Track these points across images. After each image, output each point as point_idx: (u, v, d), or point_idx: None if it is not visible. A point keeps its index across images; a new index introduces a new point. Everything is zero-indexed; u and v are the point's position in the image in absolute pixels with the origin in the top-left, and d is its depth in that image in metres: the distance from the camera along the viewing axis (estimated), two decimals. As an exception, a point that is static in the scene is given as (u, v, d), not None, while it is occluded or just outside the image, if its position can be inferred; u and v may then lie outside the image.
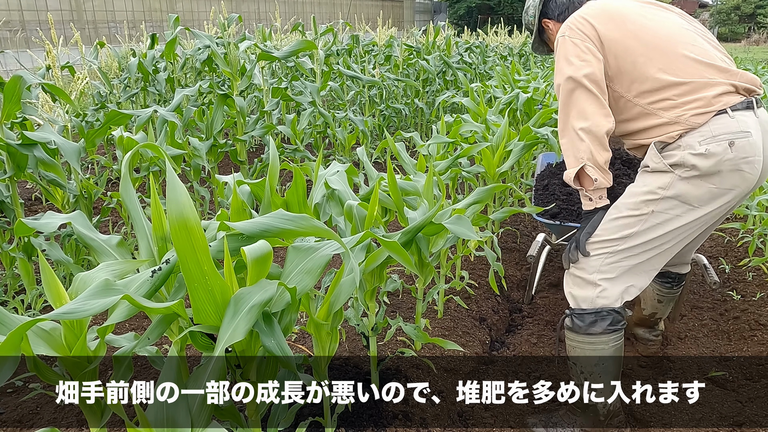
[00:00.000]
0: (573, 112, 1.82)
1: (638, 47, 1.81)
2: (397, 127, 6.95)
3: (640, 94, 1.82)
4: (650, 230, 1.82)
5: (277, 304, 1.14)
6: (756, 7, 35.64)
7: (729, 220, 4.03)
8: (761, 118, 1.79)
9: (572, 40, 1.85)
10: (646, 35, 1.83)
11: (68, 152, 2.46)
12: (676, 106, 1.77)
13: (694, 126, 1.75)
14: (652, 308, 2.38)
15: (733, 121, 1.74)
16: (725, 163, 1.73)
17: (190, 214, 0.96)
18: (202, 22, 11.22)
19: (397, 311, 2.56)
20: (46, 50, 2.77)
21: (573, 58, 1.82)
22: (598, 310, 1.87)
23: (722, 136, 1.72)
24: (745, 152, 1.73)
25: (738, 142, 1.73)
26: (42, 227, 1.40)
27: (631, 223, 1.83)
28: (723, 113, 1.74)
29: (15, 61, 5.05)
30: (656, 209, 1.80)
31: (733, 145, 1.72)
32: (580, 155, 1.82)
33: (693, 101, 1.75)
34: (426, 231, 1.69)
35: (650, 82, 1.79)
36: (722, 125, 1.73)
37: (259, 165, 4.01)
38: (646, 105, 1.81)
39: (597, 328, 1.87)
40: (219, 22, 4.37)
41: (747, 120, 1.75)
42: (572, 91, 1.81)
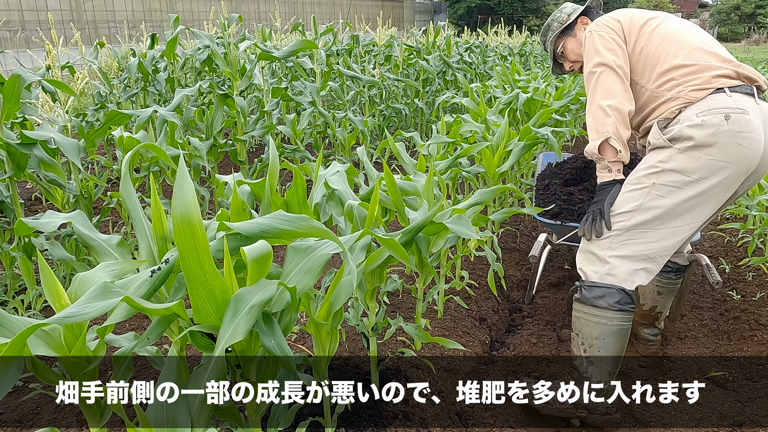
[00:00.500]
0: (600, 92, 1.98)
1: (657, 38, 1.99)
2: (397, 127, 6.95)
3: (651, 79, 1.97)
4: (654, 203, 1.88)
5: (277, 304, 1.13)
6: (756, 7, 35.64)
7: (729, 220, 4.03)
8: (762, 107, 1.87)
9: (599, 33, 2.05)
10: (665, 29, 2.01)
11: (68, 149, 2.45)
12: (678, 84, 1.91)
13: (692, 100, 1.87)
14: (652, 301, 2.39)
15: (729, 98, 1.84)
16: (721, 135, 1.80)
17: (194, 212, 0.96)
18: (202, 22, 11.22)
19: (397, 311, 2.56)
20: (46, 50, 2.77)
21: (601, 48, 2.01)
22: (608, 286, 1.93)
23: (718, 109, 1.82)
24: (741, 126, 1.80)
25: (734, 116, 1.80)
26: (42, 227, 1.40)
27: (635, 197, 1.92)
28: (721, 91, 1.85)
29: (15, 61, 5.05)
30: (657, 182, 1.88)
31: (729, 118, 1.80)
32: (605, 129, 1.95)
33: (693, 79, 1.89)
34: (426, 231, 1.69)
35: (661, 67, 1.95)
36: (719, 101, 1.83)
37: (259, 165, 4.01)
38: (655, 88, 1.97)
39: (603, 302, 1.93)
40: (219, 22, 4.37)
41: (744, 101, 1.84)
42: (600, 74, 1.99)
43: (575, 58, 2.34)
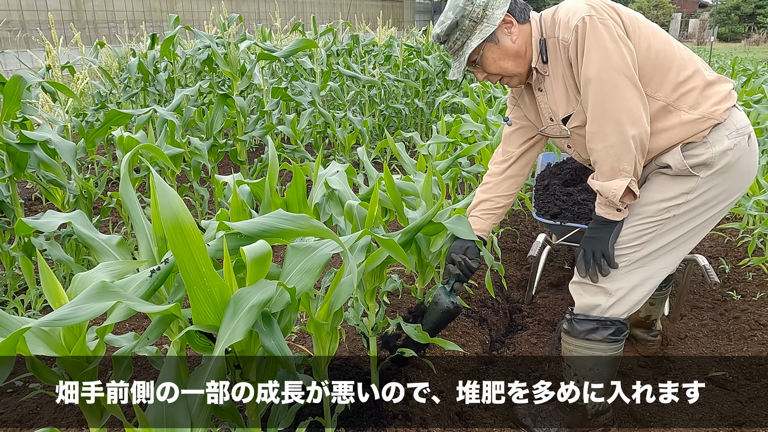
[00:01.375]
0: (623, 114, 1.56)
1: (661, 36, 1.65)
2: (397, 127, 6.95)
3: (665, 88, 1.62)
4: (670, 234, 1.73)
5: (277, 304, 1.13)
6: (756, 7, 35.65)
7: (729, 220, 4.03)
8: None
9: (602, 21, 1.54)
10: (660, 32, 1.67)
11: (64, 151, 2.46)
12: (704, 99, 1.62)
13: (720, 120, 1.61)
14: (646, 311, 2.38)
15: (743, 114, 1.68)
16: (745, 157, 1.65)
17: (185, 216, 0.96)
18: (202, 22, 11.22)
19: (397, 311, 2.56)
20: (46, 50, 2.77)
21: (611, 44, 1.53)
22: (603, 320, 1.77)
23: (743, 129, 1.64)
24: (754, 145, 1.70)
25: (752, 135, 1.69)
26: (42, 226, 1.40)
27: (650, 229, 1.72)
28: (735, 107, 1.67)
29: (15, 61, 5.05)
30: (677, 213, 1.69)
31: (750, 137, 1.67)
32: (625, 167, 1.62)
33: (714, 93, 1.63)
34: (426, 231, 1.69)
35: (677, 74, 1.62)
36: (740, 118, 1.65)
37: (259, 165, 4.01)
38: (673, 101, 1.62)
39: (597, 336, 1.78)
40: (219, 22, 4.37)
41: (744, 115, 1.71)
42: (616, 85, 1.54)
43: (497, 70, 1.72)
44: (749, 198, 3.26)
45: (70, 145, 2.52)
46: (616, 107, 1.56)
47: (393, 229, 2.10)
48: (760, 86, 5.64)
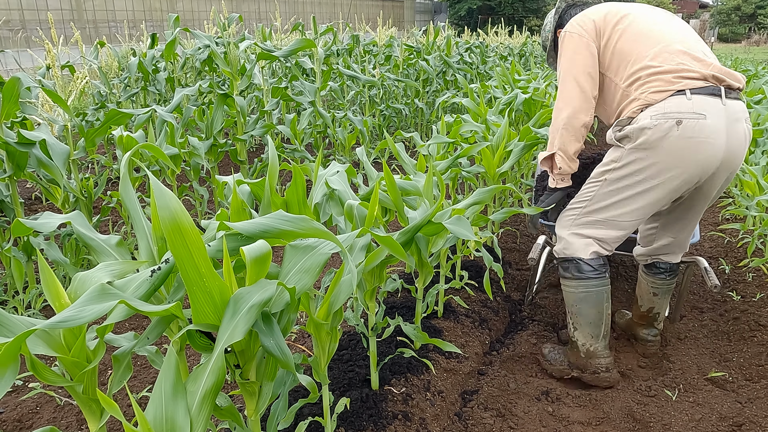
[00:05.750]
0: (561, 102, 2.11)
1: (630, 36, 2.01)
2: (397, 127, 6.95)
3: (623, 78, 2.01)
4: (606, 194, 2.08)
5: (276, 304, 1.13)
6: (756, 7, 35.64)
7: (729, 220, 4.03)
8: (730, 107, 1.89)
9: (572, 35, 2.10)
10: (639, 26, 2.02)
11: (57, 154, 2.47)
12: (642, 84, 1.95)
13: (652, 102, 1.91)
14: (649, 302, 2.43)
15: (688, 102, 1.86)
16: (669, 139, 1.87)
17: (183, 217, 0.96)
18: (202, 22, 11.21)
19: (396, 311, 2.56)
20: (46, 49, 2.77)
21: (570, 52, 2.09)
22: (568, 258, 2.18)
23: (672, 114, 1.86)
24: (693, 132, 1.86)
25: (686, 122, 1.85)
26: (40, 227, 1.40)
27: (592, 189, 2.13)
28: (681, 93, 1.88)
29: (15, 61, 5.04)
30: (608, 177, 2.06)
31: (680, 123, 1.86)
32: (555, 143, 2.15)
33: (656, 80, 1.92)
34: (425, 231, 1.69)
35: (632, 66, 1.98)
36: (676, 104, 1.87)
37: (259, 165, 4.00)
38: (625, 87, 2.01)
39: (568, 273, 2.20)
40: (218, 22, 4.37)
41: (705, 104, 1.86)
42: (566, 82, 2.09)
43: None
44: (751, 199, 3.26)
45: (64, 148, 2.52)
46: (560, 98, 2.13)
47: (393, 229, 2.10)
48: (761, 87, 5.64)
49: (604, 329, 2.18)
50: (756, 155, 3.91)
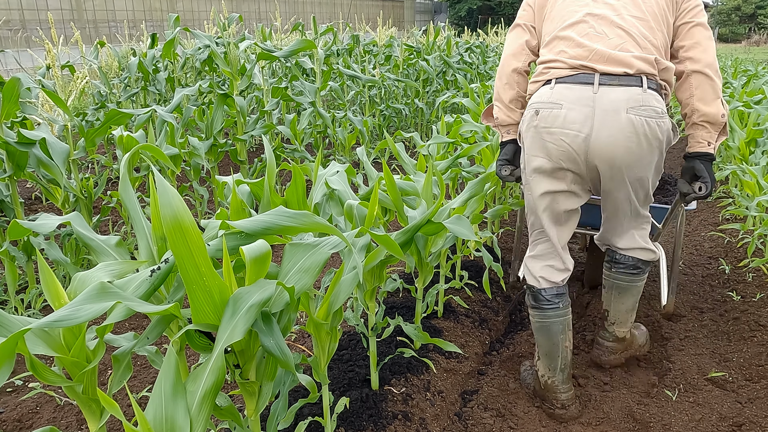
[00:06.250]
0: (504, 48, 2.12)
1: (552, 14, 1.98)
2: (398, 127, 6.95)
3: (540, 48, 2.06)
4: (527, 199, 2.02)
5: (276, 304, 1.13)
6: (756, 7, 35.66)
7: (729, 221, 4.03)
8: (603, 95, 1.77)
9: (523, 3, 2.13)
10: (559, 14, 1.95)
11: (56, 153, 2.48)
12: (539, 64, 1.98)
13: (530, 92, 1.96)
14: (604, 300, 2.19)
15: (550, 92, 1.84)
16: (530, 129, 1.88)
17: (185, 215, 0.96)
18: (202, 22, 11.21)
19: (396, 311, 2.56)
20: (46, 49, 2.77)
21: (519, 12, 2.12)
22: (529, 286, 2.07)
23: (534, 104, 1.88)
24: (547, 122, 1.82)
25: (543, 112, 1.84)
26: (38, 228, 1.40)
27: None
28: (548, 83, 1.88)
29: (15, 61, 5.04)
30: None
31: (537, 113, 1.85)
32: (494, 93, 2.14)
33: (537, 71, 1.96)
34: (425, 230, 1.69)
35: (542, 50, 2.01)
36: (538, 94, 1.89)
37: (259, 165, 4.00)
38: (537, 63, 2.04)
39: (528, 301, 2.07)
40: (218, 22, 4.37)
41: (567, 93, 1.81)
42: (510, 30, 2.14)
43: None
44: (751, 199, 3.26)
45: (64, 147, 2.52)
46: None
47: (394, 228, 2.10)
48: (761, 87, 5.64)
49: (562, 362, 2.00)
50: (756, 155, 3.91)
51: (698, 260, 3.56)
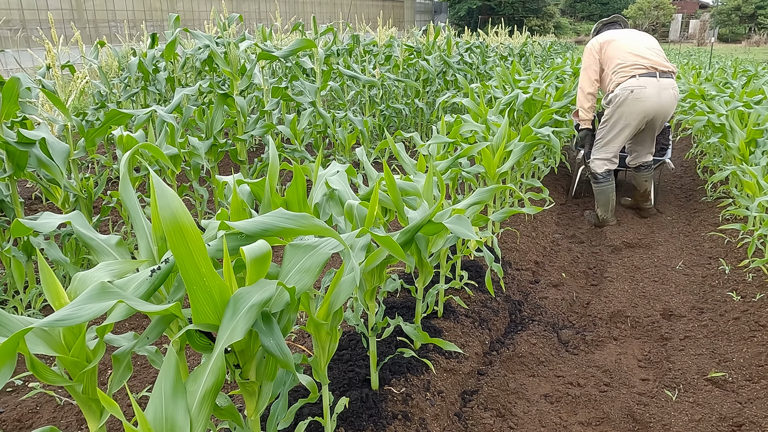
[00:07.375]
0: (580, 82, 4.29)
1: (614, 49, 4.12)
2: (398, 127, 6.95)
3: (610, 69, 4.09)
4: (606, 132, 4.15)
5: (276, 304, 1.13)
6: (756, 7, 35.66)
7: (729, 221, 4.03)
8: (662, 82, 3.93)
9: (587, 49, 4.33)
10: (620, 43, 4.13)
11: (56, 152, 2.48)
12: (616, 73, 4.03)
13: (620, 82, 3.99)
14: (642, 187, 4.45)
15: (637, 80, 3.93)
16: (627, 100, 3.94)
17: (184, 216, 0.96)
18: (202, 22, 11.21)
19: (396, 311, 2.56)
20: (46, 49, 2.77)
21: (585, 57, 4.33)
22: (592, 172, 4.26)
23: (628, 87, 3.93)
24: (638, 95, 3.91)
25: (636, 90, 3.91)
26: (39, 227, 1.40)
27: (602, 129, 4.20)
28: (633, 77, 3.94)
29: (15, 61, 5.04)
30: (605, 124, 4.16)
31: (632, 92, 3.91)
32: (578, 103, 4.34)
33: (623, 70, 4.00)
34: (425, 230, 1.69)
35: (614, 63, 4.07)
36: (630, 82, 3.94)
37: (259, 165, 4.00)
38: (611, 74, 4.09)
39: (593, 179, 4.29)
40: (218, 22, 4.36)
41: (645, 81, 3.92)
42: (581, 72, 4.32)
43: None
44: (752, 199, 3.25)
45: (64, 147, 2.52)
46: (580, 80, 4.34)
47: (394, 228, 2.09)
48: (761, 87, 5.64)
49: (611, 207, 4.24)
50: (756, 155, 3.91)
51: (698, 260, 3.56)
